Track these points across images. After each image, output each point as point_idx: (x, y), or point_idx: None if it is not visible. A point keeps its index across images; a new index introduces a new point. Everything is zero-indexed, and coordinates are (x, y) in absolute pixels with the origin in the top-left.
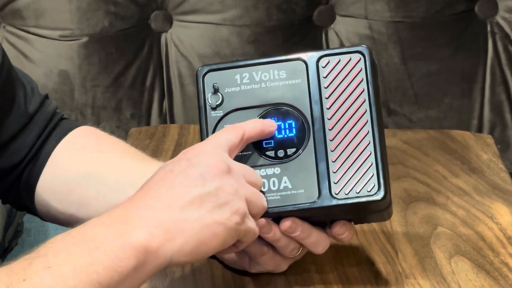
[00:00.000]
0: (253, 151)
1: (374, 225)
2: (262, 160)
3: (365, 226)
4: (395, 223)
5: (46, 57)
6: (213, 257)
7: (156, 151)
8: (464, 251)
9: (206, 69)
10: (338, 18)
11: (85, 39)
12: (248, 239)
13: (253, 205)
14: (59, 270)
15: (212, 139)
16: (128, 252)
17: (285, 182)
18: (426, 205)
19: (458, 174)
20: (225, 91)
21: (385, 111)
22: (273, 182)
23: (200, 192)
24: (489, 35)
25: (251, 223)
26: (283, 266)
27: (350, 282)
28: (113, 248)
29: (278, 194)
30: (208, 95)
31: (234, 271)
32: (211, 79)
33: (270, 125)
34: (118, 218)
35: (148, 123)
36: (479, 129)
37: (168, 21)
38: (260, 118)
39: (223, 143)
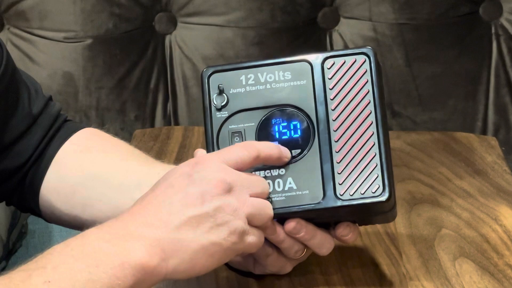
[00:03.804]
0: None
1: (378, 227)
2: None
3: (369, 228)
4: (399, 225)
5: (50, 59)
6: None
7: (160, 153)
8: (468, 253)
9: (211, 70)
10: (342, 20)
11: (89, 41)
12: (250, 251)
13: (257, 218)
14: (58, 285)
15: (221, 154)
16: (126, 271)
17: (290, 183)
18: (430, 207)
19: (463, 176)
20: (230, 92)
21: (389, 113)
22: (278, 183)
23: (198, 212)
24: (493, 37)
25: (251, 239)
26: (288, 268)
27: (354, 284)
28: (112, 267)
29: (283, 195)
30: (213, 96)
31: (238, 273)
32: (216, 80)
33: (286, 155)
34: (118, 233)
35: (152, 125)
36: (484, 131)
37: (172, 23)
38: (264, 119)
39: (232, 159)
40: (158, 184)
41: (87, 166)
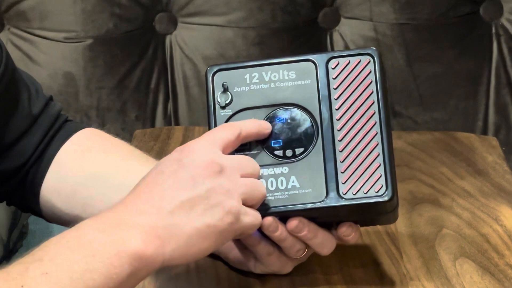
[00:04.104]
0: (261, 150)
1: (379, 226)
2: (270, 159)
3: (370, 227)
4: (400, 224)
5: (51, 59)
6: (218, 258)
7: (160, 153)
8: (469, 253)
9: (215, 68)
10: (343, 20)
11: (90, 41)
12: (247, 233)
13: (251, 197)
14: (56, 277)
15: (206, 137)
16: (123, 260)
17: (293, 182)
18: (431, 207)
19: (463, 176)
20: (234, 90)
21: (390, 113)
22: (281, 181)
23: (190, 195)
24: (494, 37)
25: (247, 219)
26: (288, 268)
27: (355, 283)
28: (109, 256)
29: (286, 193)
30: (217, 94)
31: (239, 272)
32: (220, 78)
33: (266, 127)
34: (112, 222)
35: (152, 125)
36: (484, 131)
37: (173, 23)
38: (268, 118)
39: (218, 140)
40: (149, 173)
41: (87, 166)
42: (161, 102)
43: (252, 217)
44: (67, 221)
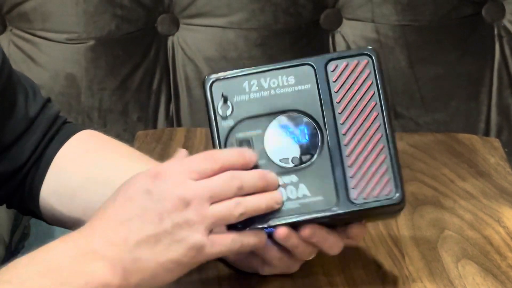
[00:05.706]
0: (267, 159)
1: (381, 228)
2: (277, 169)
3: (372, 229)
4: (402, 226)
5: (52, 60)
6: (222, 260)
7: (162, 155)
8: (471, 255)
9: (213, 78)
10: (345, 21)
11: (91, 42)
12: (218, 257)
13: (223, 222)
14: None
15: (184, 165)
16: None
17: (303, 190)
18: (433, 208)
19: (465, 177)
20: (234, 100)
21: (392, 115)
22: (291, 190)
23: (156, 231)
24: (496, 39)
25: (214, 249)
26: (296, 267)
27: (357, 285)
28: (77, 286)
29: (297, 202)
30: (218, 105)
31: (240, 272)
32: (219, 88)
33: (250, 160)
34: (82, 250)
35: (154, 126)
36: (486, 133)
37: (175, 24)
38: (271, 125)
39: (195, 171)
40: (118, 195)
41: (86, 168)
42: (163, 104)
43: (220, 246)
44: (68, 224)
